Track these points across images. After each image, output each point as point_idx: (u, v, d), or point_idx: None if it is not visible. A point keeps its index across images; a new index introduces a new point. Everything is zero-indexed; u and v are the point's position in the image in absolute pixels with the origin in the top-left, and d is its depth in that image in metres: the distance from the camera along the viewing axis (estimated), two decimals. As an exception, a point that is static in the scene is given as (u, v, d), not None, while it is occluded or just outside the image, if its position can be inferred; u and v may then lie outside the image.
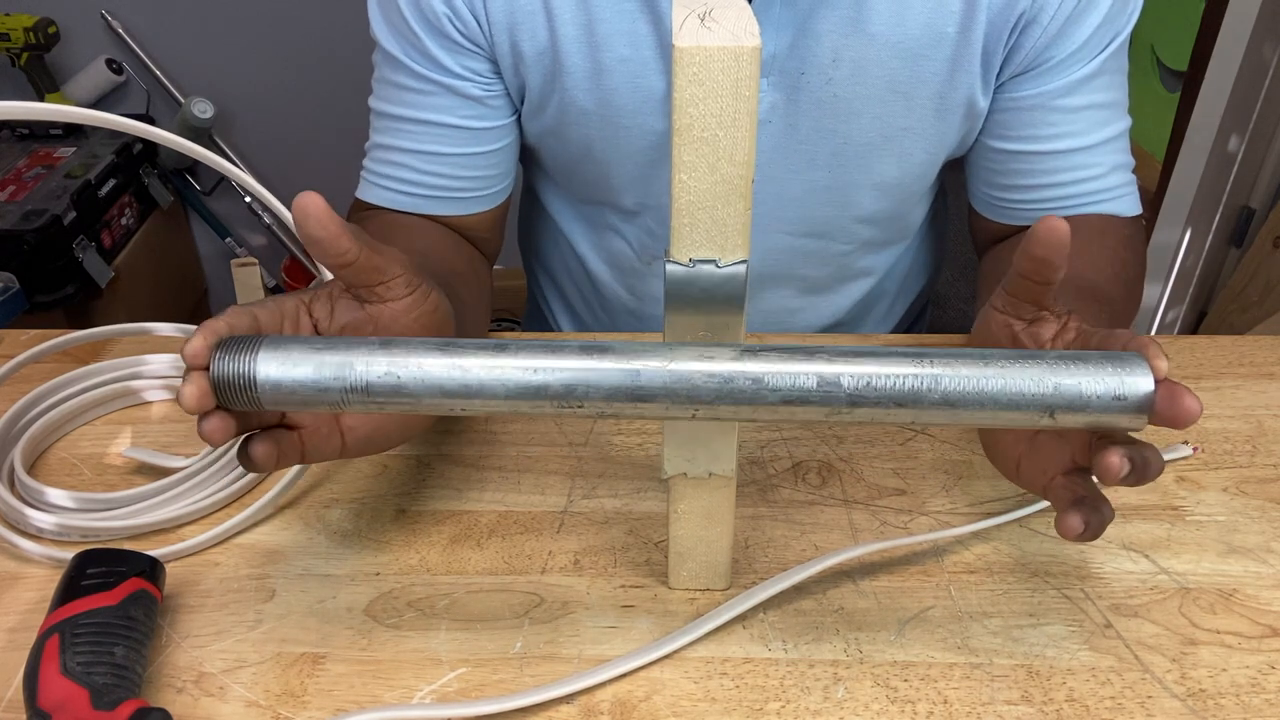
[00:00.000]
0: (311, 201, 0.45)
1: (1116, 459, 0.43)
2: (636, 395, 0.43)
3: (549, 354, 0.43)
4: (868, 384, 0.42)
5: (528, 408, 0.43)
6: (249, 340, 0.44)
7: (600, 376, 0.42)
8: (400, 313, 0.50)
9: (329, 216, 0.45)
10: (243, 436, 0.47)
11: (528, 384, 0.43)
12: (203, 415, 0.44)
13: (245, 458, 0.47)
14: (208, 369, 0.43)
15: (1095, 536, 0.45)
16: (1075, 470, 0.48)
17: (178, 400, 0.43)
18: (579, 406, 0.43)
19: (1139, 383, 0.42)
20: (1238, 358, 0.75)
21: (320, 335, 0.50)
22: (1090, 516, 0.45)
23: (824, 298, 0.87)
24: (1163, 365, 0.42)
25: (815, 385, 0.42)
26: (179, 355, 0.72)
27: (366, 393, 0.43)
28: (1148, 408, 0.42)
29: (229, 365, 0.43)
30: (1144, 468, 0.44)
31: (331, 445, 0.50)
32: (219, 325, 0.44)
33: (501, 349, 0.43)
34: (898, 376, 0.42)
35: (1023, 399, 0.42)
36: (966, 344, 0.75)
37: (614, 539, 0.61)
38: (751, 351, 0.43)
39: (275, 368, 0.43)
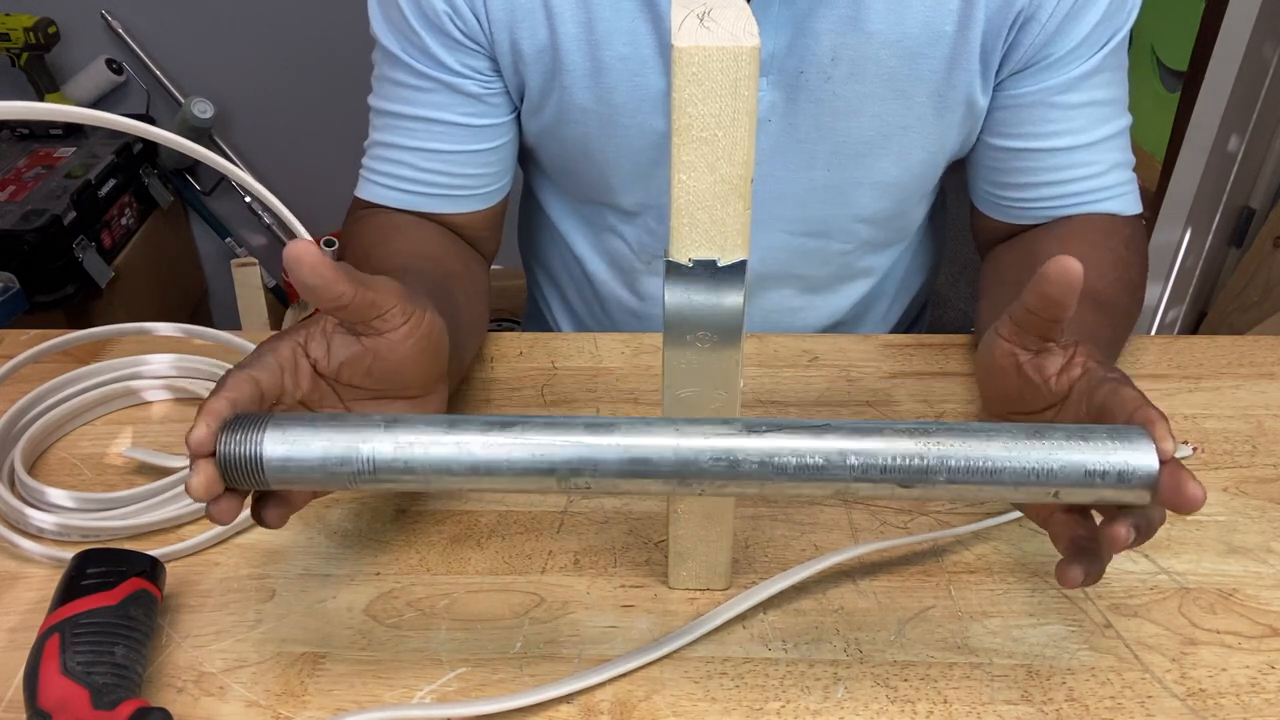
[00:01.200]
0: (304, 250, 0.45)
1: (1124, 531, 0.43)
2: (643, 474, 0.43)
3: (555, 433, 0.43)
4: (874, 463, 0.42)
5: (534, 486, 0.43)
6: (253, 422, 0.43)
7: (606, 455, 0.43)
8: (397, 342, 0.50)
9: (322, 263, 0.45)
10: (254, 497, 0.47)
11: (534, 464, 0.43)
12: (211, 499, 0.44)
13: (260, 519, 0.47)
14: (214, 454, 0.43)
15: (1094, 583, 0.46)
16: (1075, 508, 0.48)
17: (185, 490, 0.43)
18: (585, 487, 0.43)
19: (1144, 463, 0.42)
20: (1238, 358, 0.75)
21: (320, 379, 0.50)
22: (1090, 567, 0.46)
23: (824, 297, 0.87)
24: (1168, 446, 0.42)
25: (822, 464, 0.43)
26: (179, 356, 0.72)
27: (374, 474, 0.43)
28: (1151, 487, 0.42)
29: (235, 451, 0.43)
30: (1148, 530, 0.44)
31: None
32: (220, 407, 0.44)
33: (507, 427, 0.43)
34: (904, 456, 0.42)
35: (1028, 477, 0.42)
36: (965, 346, 0.76)
37: (614, 539, 0.61)
38: (758, 430, 0.43)
39: (282, 451, 0.43)
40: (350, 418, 0.44)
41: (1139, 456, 0.42)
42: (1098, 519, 0.47)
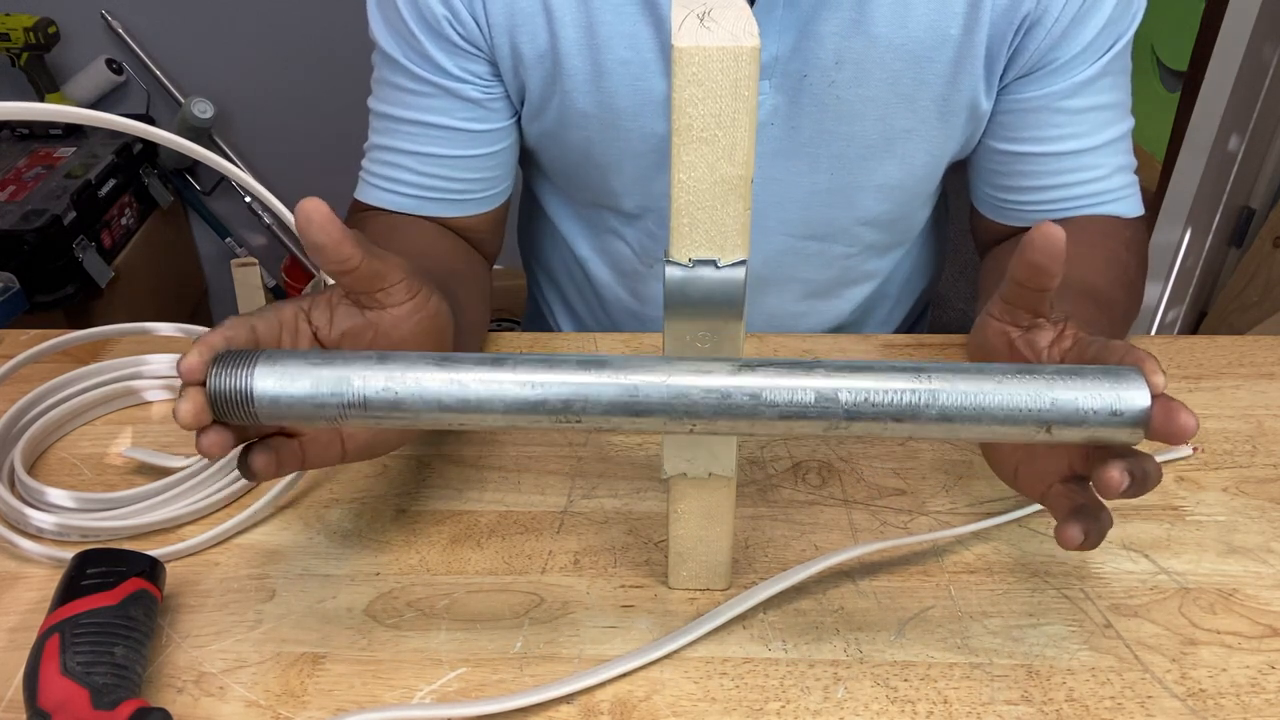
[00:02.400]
0: (315, 207, 0.45)
1: (1117, 473, 0.43)
2: (634, 410, 0.43)
3: (547, 368, 0.43)
4: (865, 399, 0.42)
5: (525, 422, 0.43)
6: (245, 355, 0.43)
7: (598, 391, 0.42)
8: (401, 318, 0.50)
9: (332, 222, 0.45)
10: (242, 445, 0.47)
11: (525, 399, 0.42)
12: (200, 430, 0.44)
13: (245, 468, 0.47)
14: (204, 384, 0.43)
15: (1095, 545, 0.46)
16: (1073, 478, 0.48)
17: (174, 416, 0.43)
18: (576, 421, 0.43)
19: (1135, 397, 0.42)
20: (1238, 358, 0.75)
21: (320, 346, 0.50)
22: (1090, 526, 0.45)
23: (826, 301, 0.87)
24: (1159, 380, 0.42)
25: (813, 400, 0.42)
26: (179, 356, 0.72)
27: (364, 408, 0.43)
28: (1144, 422, 0.42)
29: (225, 381, 0.43)
30: (1143, 480, 0.44)
31: (332, 452, 0.50)
32: (215, 340, 0.44)
33: (499, 363, 0.43)
34: (895, 391, 0.42)
35: (1020, 414, 0.42)
36: (964, 349, 0.76)
37: (614, 539, 0.61)
38: (749, 366, 0.43)
39: (272, 383, 0.43)
40: (342, 353, 0.44)
41: (1130, 392, 0.42)
42: (1096, 495, 0.47)
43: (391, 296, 0.50)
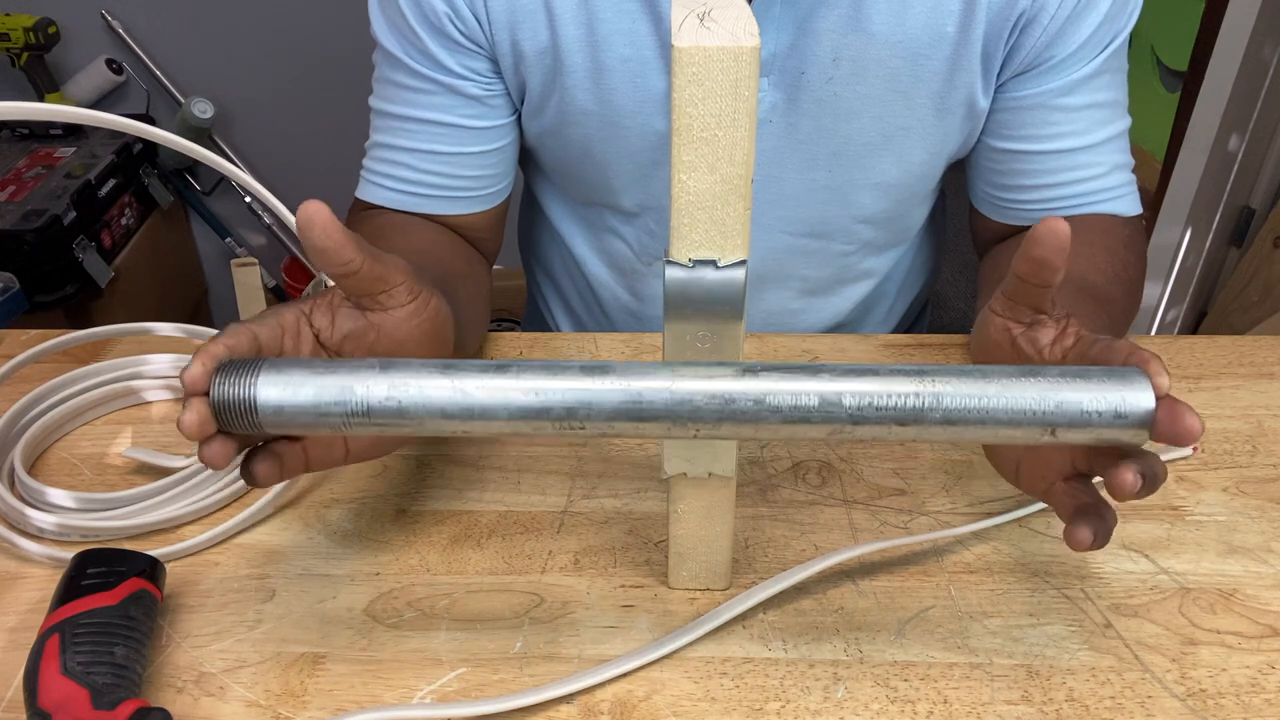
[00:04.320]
0: (316, 210, 0.45)
1: (1131, 476, 0.43)
2: (638, 416, 0.43)
3: (551, 375, 0.43)
4: (869, 403, 0.42)
5: (529, 429, 0.43)
6: (249, 364, 0.43)
7: (602, 398, 0.42)
8: (402, 320, 0.50)
9: (334, 225, 0.45)
10: (245, 451, 0.47)
11: (529, 406, 0.42)
12: (203, 440, 0.44)
13: (249, 475, 0.47)
14: (207, 394, 0.43)
15: (1103, 545, 0.45)
16: (1076, 476, 0.48)
17: (178, 427, 0.43)
18: (580, 428, 0.43)
19: (1140, 399, 0.42)
20: (1238, 358, 0.75)
21: (322, 349, 0.50)
22: (1098, 526, 0.45)
23: (825, 299, 0.87)
24: (1164, 382, 0.42)
25: (817, 404, 0.42)
26: (179, 356, 0.72)
27: (368, 416, 0.43)
28: (1149, 424, 0.42)
29: (229, 391, 0.43)
30: (1153, 480, 0.44)
31: (335, 455, 0.50)
32: (217, 349, 0.44)
33: (503, 370, 0.43)
34: (899, 395, 0.42)
35: (1024, 416, 0.42)
36: (966, 345, 0.76)
37: (614, 539, 0.61)
38: (753, 370, 0.43)
39: (276, 392, 0.43)
40: (346, 361, 0.44)
41: (1135, 393, 0.42)
42: (1099, 493, 0.47)
43: (393, 298, 0.50)
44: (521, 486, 0.64)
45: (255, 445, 0.47)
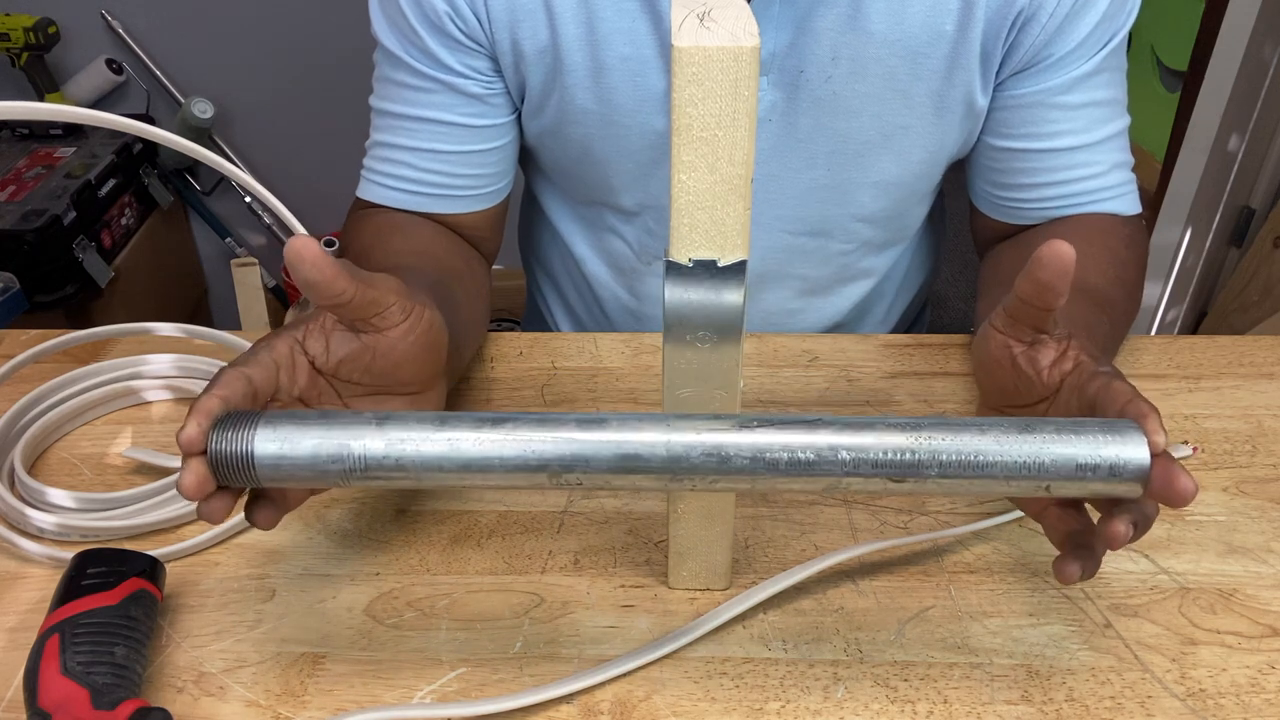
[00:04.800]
0: (305, 245, 0.45)
1: (1123, 528, 0.43)
2: (634, 470, 0.43)
3: (546, 429, 0.43)
4: (865, 458, 0.42)
5: (525, 483, 0.43)
6: (244, 420, 0.43)
7: (597, 452, 0.43)
8: (397, 339, 0.50)
9: (323, 259, 0.45)
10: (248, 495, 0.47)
11: (525, 462, 0.43)
12: (202, 499, 0.44)
13: (252, 520, 0.47)
14: (205, 453, 0.43)
15: (1090, 577, 0.46)
16: (1069, 501, 0.48)
17: (177, 489, 0.43)
18: (577, 483, 0.43)
19: (1135, 455, 0.42)
20: (1238, 358, 0.75)
21: (319, 375, 0.50)
22: (1086, 562, 0.46)
23: (824, 299, 0.87)
24: (1160, 440, 0.42)
25: (813, 459, 0.42)
26: (179, 356, 0.72)
27: (365, 472, 0.43)
28: (1143, 480, 0.42)
29: (226, 449, 0.43)
30: (1145, 525, 0.44)
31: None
32: (211, 405, 0.43)
33: (499, 424, 0.43)
34: (895, 450, 0.42)
35: (1019, 471, 0.42)
36: (965, 346, 0.76)
37: (614, 539, 0.61)
38: (749, 425, 0.43)
39: (274, 449, 0.43)
40: (342, 415, 0.44)
41: (1130, 450, 0.42)
42: (1093, 514, 0.47)
43: (386, 319, 0.50)
44: (521, 486, 0.64)
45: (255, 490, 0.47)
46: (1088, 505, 0.49)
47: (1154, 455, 0.42)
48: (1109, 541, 0.44)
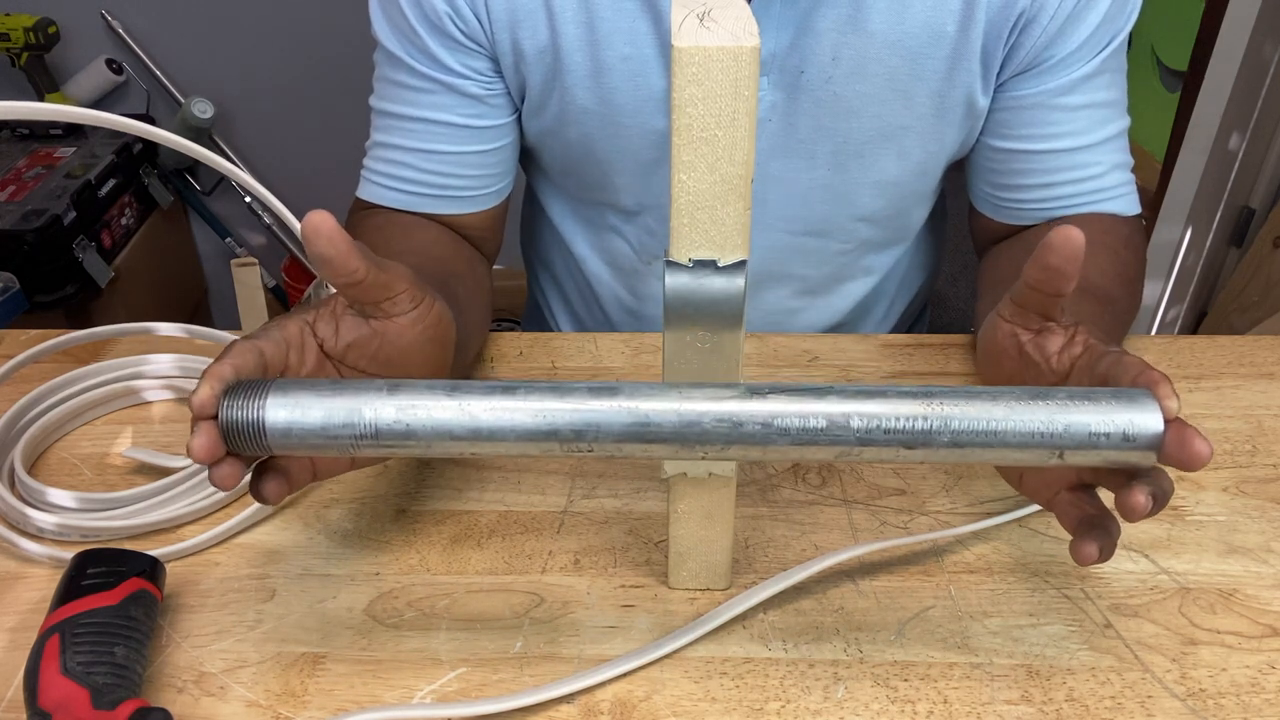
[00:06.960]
0: (322, 220, 0.45)
1: (1142, 498, 0.42)
2: (646, 438, 0.43)
3: (558, 397, 0.43)
4: (877, 425, 0.42)
5: (536, 450, 0.43)
6: (256, 387, 0.43)
7: (609, 419, 0.42)
8: (405, 327, 0.51)
9: (339, 235, 0.45)
10: (253, 467, 0.47)
11: (537, 428, 0.43)
12: (213, 463, 0.44)
13: (258, 494, 0.47)
14: (215, 417, 0.43)
15: (1108, 558, 0.46)
16: (1080, 486, 0.48)
17: (187, 452, 0.43)
18: (588, 450, 0.43)
19: (1148, 422, 0.42)
20: (1238, 358, 0.75)
21: (327, 359, 0.50)
22: (1103, 542, 0.45)
23: (824, 298, 0.87)
24: (1173, 405, 0.42)
25: (825, 426, 0.42)
26: (180, 356, 0.72)
27: (376, 438, 0.43)
28: (1157, 447, 0.42)
29: (237, 415, 0.43)
30: (1163, 499, 0.44)
31: (341, 463, 0.51)
32: (224, 371, 0.44)
33: (510, 391, 0.43)
34: (907, 418, 0.42)
35: (1032, 439, 0.42)
36: (966, 346, 0.76)
37: (614, 539, 0.61)
38: (760, 392, 0.43)
39: (284, 415, 0.43)
40: (352, 383, 0.44)
41: (1143, 416, 0.42)
42: (1104, 503, 0.47)
43: (396, 306, 0.50)
44: (522, 486, 0.64)
45: (262, 461, 0.47)
46: (1099, 492, 0.49)
47: (1167, 421, 0.42)
48: (1128, 513, 0.43)
